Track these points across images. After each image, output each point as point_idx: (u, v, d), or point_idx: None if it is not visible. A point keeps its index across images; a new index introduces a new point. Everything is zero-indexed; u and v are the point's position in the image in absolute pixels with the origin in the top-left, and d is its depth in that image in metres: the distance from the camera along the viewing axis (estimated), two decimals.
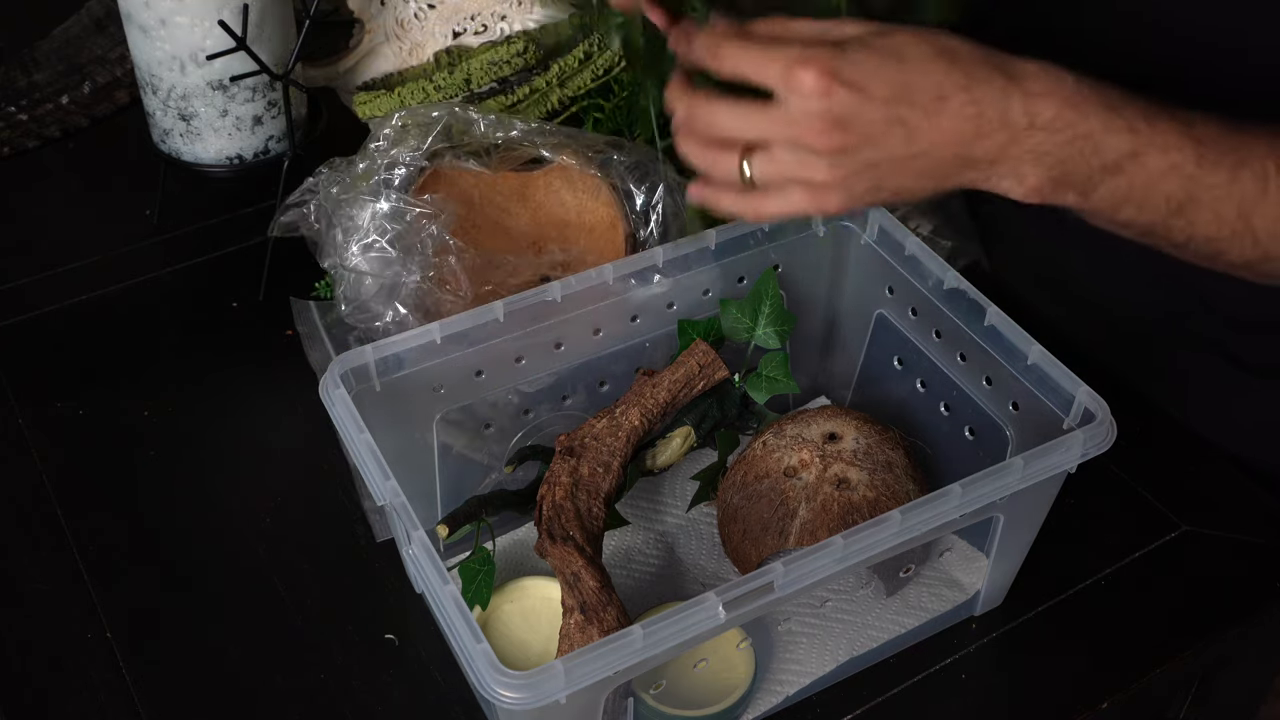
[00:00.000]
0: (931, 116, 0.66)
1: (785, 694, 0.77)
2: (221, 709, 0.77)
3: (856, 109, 0.65)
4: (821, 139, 0.65)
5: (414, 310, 0.87)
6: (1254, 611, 0.84)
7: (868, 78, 0.65)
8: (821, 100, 0.64)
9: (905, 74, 0.66)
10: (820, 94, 0.64)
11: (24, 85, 1.20)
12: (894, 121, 0.65)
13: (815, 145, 0.65)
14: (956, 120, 0.66)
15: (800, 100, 0.64)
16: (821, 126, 0.65)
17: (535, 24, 1.12)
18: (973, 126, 0.66)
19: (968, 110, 0.66)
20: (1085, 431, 0.71)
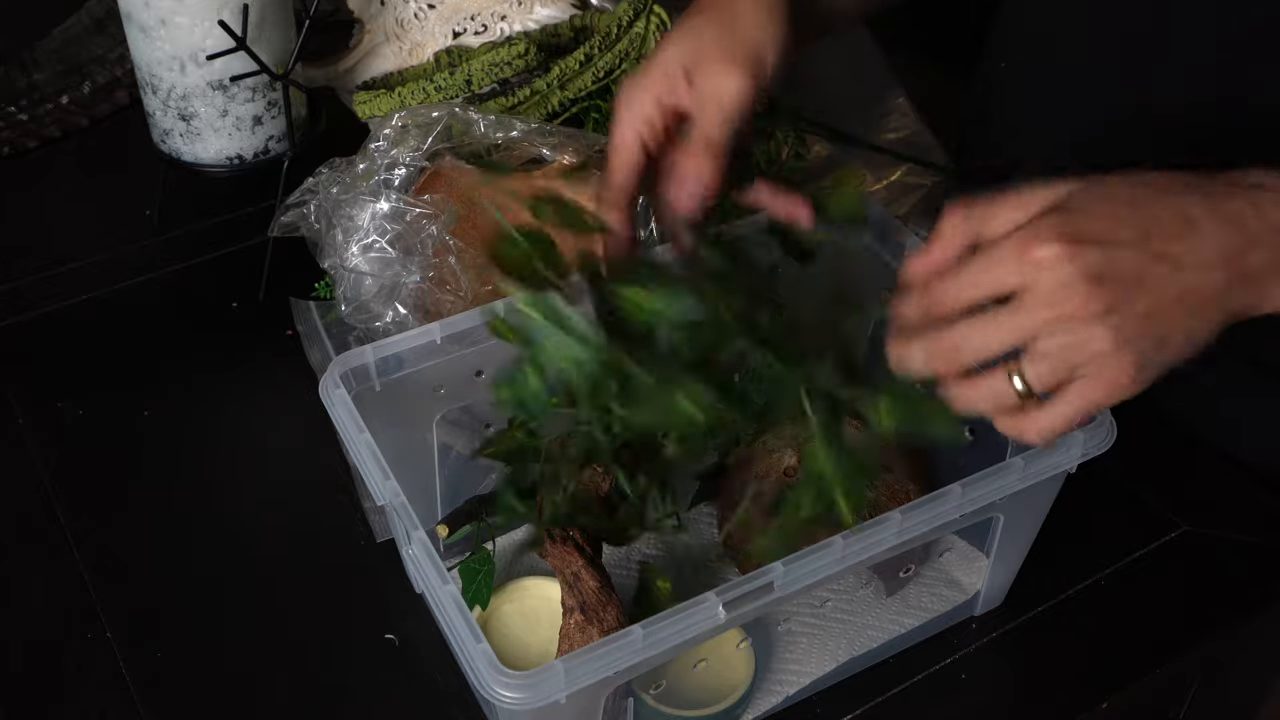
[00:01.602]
0: (1188, 240, 0.60)
1: (785, 694, 0.77)
2: (221, 709, 0.77)
3: (1110, 259, 0.59)
4: (1088, 304, 0.58)
5: (414, 310, 0.87)
6: (1253, 611, 0.85)
7: (1106, 226, 0.60)
8: (1071, 264, 0.58)
9: (1140, 209, 0.61)
10: (1067, 258, 0.58)
11: (24, 85, 1.20)
12: (1152, 259, 0.59)
13: (1083, 313, 0.58)
14: (1216, 238, 0.60)
15: (1049, 275, 0.58)
16: (1084, 290, 0.58)
17: (535, 25, 1.12)
18: (1237, 239, 0.61)
19: (1222, 226, 0.61)
20: (1085, 431, 0.71)
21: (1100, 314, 0.58)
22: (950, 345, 0.61)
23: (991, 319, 0.60)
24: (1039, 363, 0.60)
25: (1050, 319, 0.59)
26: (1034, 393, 0.60)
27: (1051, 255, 0.58)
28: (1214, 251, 0.60)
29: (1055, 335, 0.59)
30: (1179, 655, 0.81)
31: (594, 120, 1.05)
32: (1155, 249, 0.60)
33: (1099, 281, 0.58)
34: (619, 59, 1.06)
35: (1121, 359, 0.59)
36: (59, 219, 1.11)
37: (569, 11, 1.13)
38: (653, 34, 1.07)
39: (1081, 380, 0.60)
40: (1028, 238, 0.59)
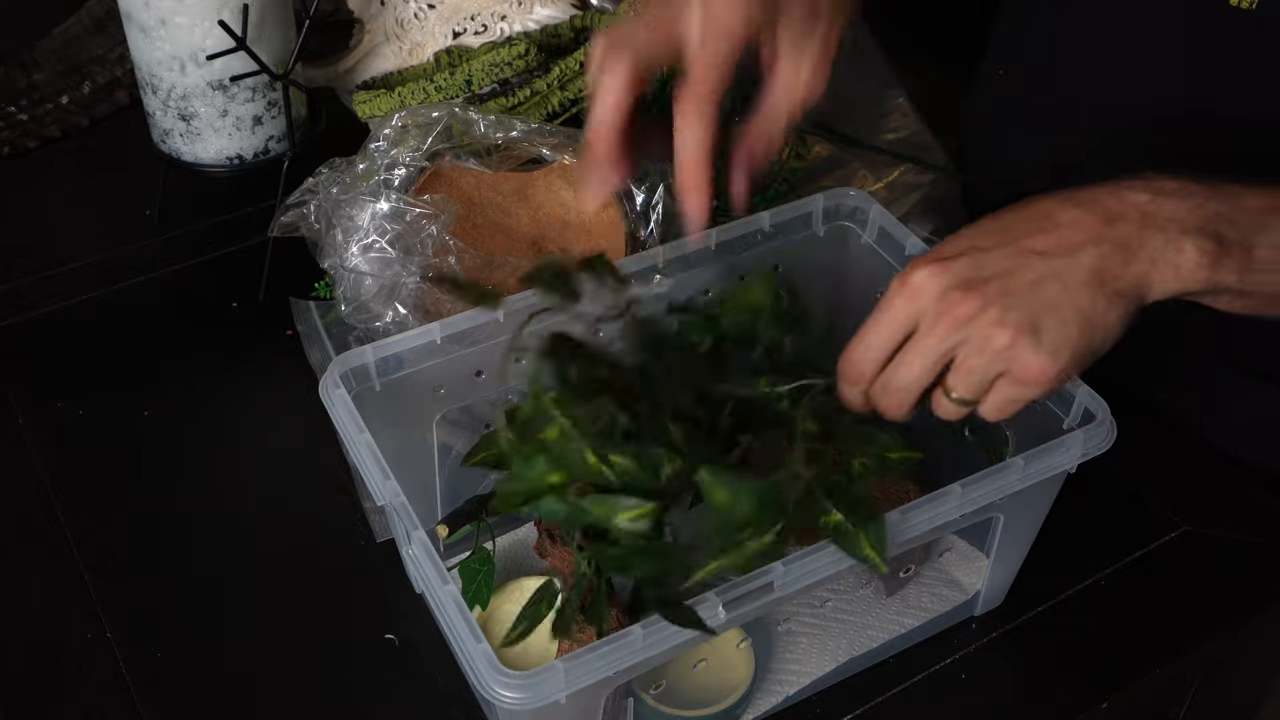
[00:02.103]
0: (1050, 232, 0.64)
1: (785, 694, 0.77)
2: (221, 709, 0.77)
3: (976, 263, 0.64)
4: (969, 304, 0.63)
5: (414, 310, 0.87)
6: (1253, 611, 0.85)
7: (969, 242, 0.65)
8: (943, 276, 0.63)
9: (1000, 222, 0.66)
10: (939, 274, 0.63)
11: (24, 85, 1.20)
12: (1017, 253, 0.64)
13: (969, 314, 0.63)
14: (1077, 225, 0.64)
15: (928, 294, 0.63)
16: (960, 294, 0.63)
17: (536, 25, 1.12)
18: (1097, 218, 0.64)
19: (1079, 212, 0.65)
20: (1085, 431, 0.71)
21: (984, 310, 0.63)
22: (886, 392, 0.66)
23: (904, 355, 0.65)
24: (959, 376, 0.64)
25: (946, 331, 0.63)
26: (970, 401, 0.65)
27: (924, 276, 0.64)
28: (1076, 234, 0.64)
29: (960, 345, 0.63)
30: (1179, 655, 0.81)
31: None
32: (1019, 246, 0.64)
33: (972, 284, 0.63)
34: None
35: (1025, 346, 0.62)
36: (59, 219, 1.11)
37: (569, 12, 1.13)
38: None
39: (999, 380, 0.64)
40: (904, 275, 0.65)
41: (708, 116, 0.65)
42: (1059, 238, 0.64)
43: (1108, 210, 0.64)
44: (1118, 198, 0.65)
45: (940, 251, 0.65)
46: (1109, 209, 0.64)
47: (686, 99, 0.65)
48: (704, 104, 0.65)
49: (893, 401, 0.66)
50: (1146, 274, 0.64)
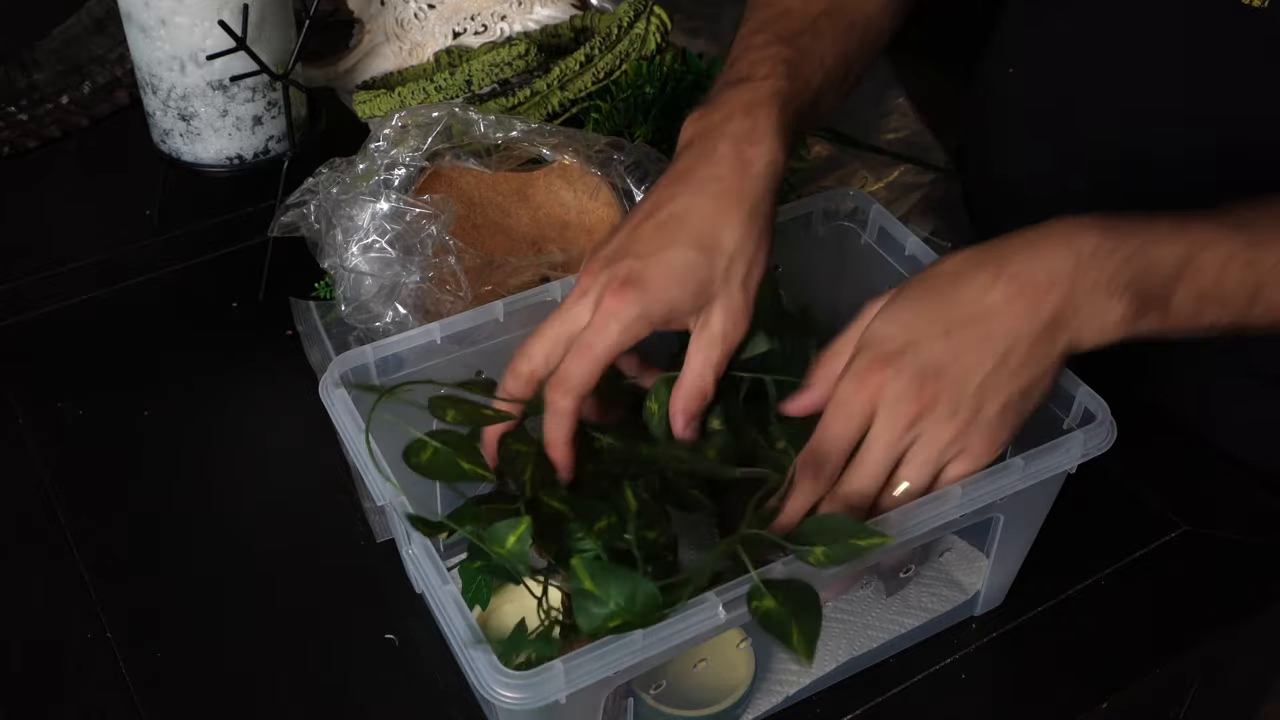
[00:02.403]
0: (986, 319, 0.67)
1: (785, 694, 0.77)
2: (221, 709, 0.77)
3: (923, 359, 0.67)
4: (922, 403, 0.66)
5: (414, 310, 0.87)
6: (1253, 611, 0.85)
7: (909, 333, 0.68)
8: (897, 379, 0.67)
9: (936, 304, 0.69)
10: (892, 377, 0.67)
11: (24, 85, 1.20)
12: (959, 342, 0.67)
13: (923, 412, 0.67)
14: (1011, 299, 0.67)
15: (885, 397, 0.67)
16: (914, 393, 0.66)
17: (535, 25, 1.12)
18: (1029, 293, 0.67)
19: (1012, 289, 0.67)
20: (1085, 432, 0.71)
21: (936, 405, 0.67)
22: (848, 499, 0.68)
23: (862, 460, 0.68)
24: (911, 467, 0.68)
25: (901, 430, 0.67)
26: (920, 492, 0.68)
27: (878, 379, 0.67)
28: (1012, 311, 0.67)
29: (915, 443, 0.67)
30: (1179, 655, 0.81)
31: (594, 120, 1.05)
32: (960, 333, 0.67)
33: (923, 381, 0.67)
34: (619, 59, 1.06)
35: (974, 436, 0.68)
36: (59, 219, 1.11)
37: (569, 12, 1.13)
38: (653, 34, 1.07)
39: (951, 463, 0.68)
40: (856, 374, 0.68)
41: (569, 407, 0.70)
42: (996, 324, 0.67)
43: (1037, 286, 0.67)
44: (1045, 266, 0.67)
45: (882, 346, 0.68)
46: (1038, 283, 0.67)
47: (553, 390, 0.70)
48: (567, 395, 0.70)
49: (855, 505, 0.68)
50: (1073, 336, 0.68)
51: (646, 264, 0.70)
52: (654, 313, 0.70)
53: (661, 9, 1.08)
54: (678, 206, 0.72)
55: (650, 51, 1.07)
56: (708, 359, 0.72)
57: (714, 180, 0.72)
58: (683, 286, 0.71)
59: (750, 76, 0.76)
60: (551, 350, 0.71)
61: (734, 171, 0.72)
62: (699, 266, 0.71)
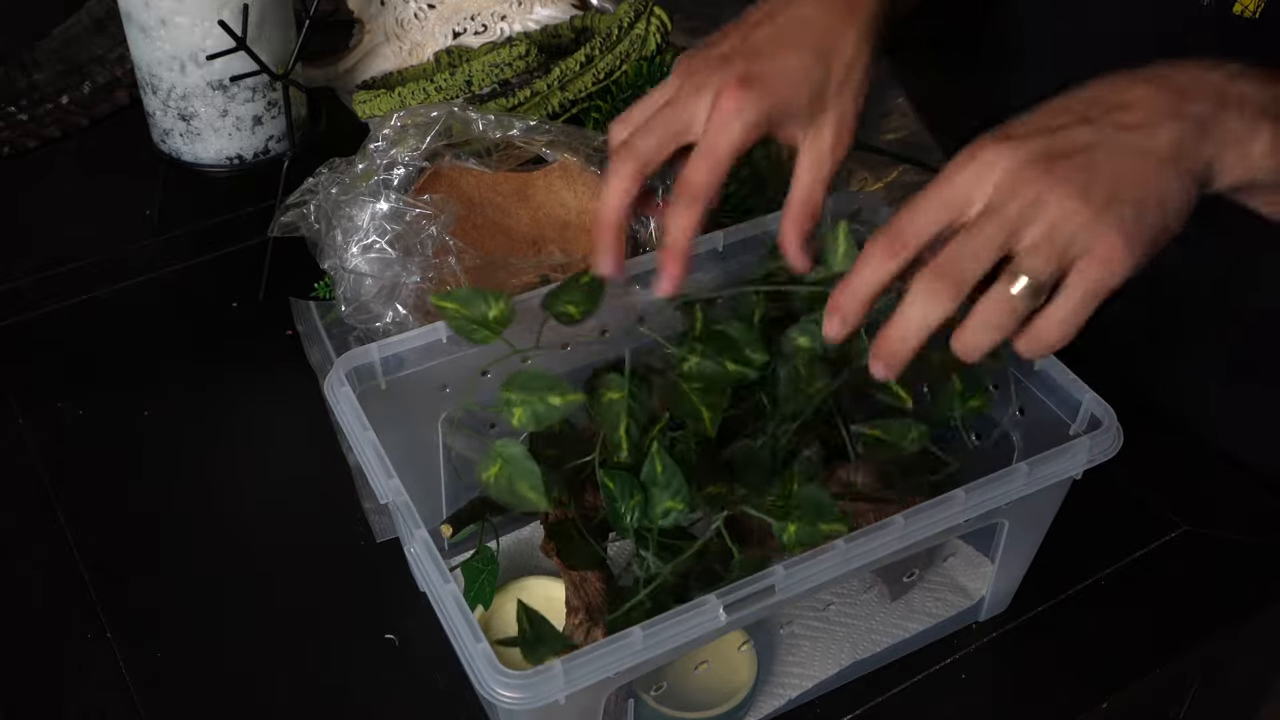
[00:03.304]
0: (1128, 108, 0.61)
1: (788, 696, 0.77)
2: (221, 709, 0.77)
3: (1053, 139, 0.60)
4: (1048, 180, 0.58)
5: (414, 311, 0.87)
6: (1253, 611, 0.85)
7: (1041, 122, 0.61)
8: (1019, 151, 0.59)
9: (1073, 100, 0.62)
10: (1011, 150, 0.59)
11: (24, 85, 1.20)
12: (1095, 129, 0.60)
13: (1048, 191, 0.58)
14: (1151, 102, 0.61)
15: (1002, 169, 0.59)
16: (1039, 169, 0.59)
17: (536, 25, 1.12)
18: (1173, 94, 0.61)
19: (1155, 88, 0.61)
20: (1091, 438, 0.71)
21: (1064, 185, 0.58)
22: (943, 270, 0.59)
23: (970, 230, 0.59)
24: (1031, 256, 0.58)
25: (1022, 207, 0.58)
26: (1039, 291, 0.59)
27: (996, 152, 0.59)
28: (1152, 111, 0.60)
29: (1034, 222, 0.58)
30: (1179, 655, 0.81)
31: (594, 121, 1.05)
32: (1096, 121, 0.60)
33: (1051, 158, 0.59)
34: (620, 60, 1.06)
35: (1104, 226, 0.58)
36: (59, 219, 1.11)
37: (569, 12, 1.13)
38: (653, 35, 1.07)
39: (1078, 262, 0.59)
40: (971, 150, 0.60)
41: (695, 213, 0.68)
42: (1136, 114, 0.61)
43: (1182, 87, 0.61)
44: (1191, 75, 0.62)
45: (1010, 130, 0.61)
46: (1183, 86, 0.61)
47: (679, 196, 0.69)
48: (693, 202, 0.68)
49: (948, 284, 0.59)
50: (1218, 155, 0.61)
51: (766, 65, 0.69)
52: (773, 115, 0.68)
53: (662, 9, 1.08)
54: (795, 13, 0.71)
55: (651, 52, 1.07)
56: (817, 175, 0.70)
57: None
58: (801, 90, 0.69)
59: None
60: (662, 142, 0.69)
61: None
62: (818, 72, 0.70)
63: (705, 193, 0.68)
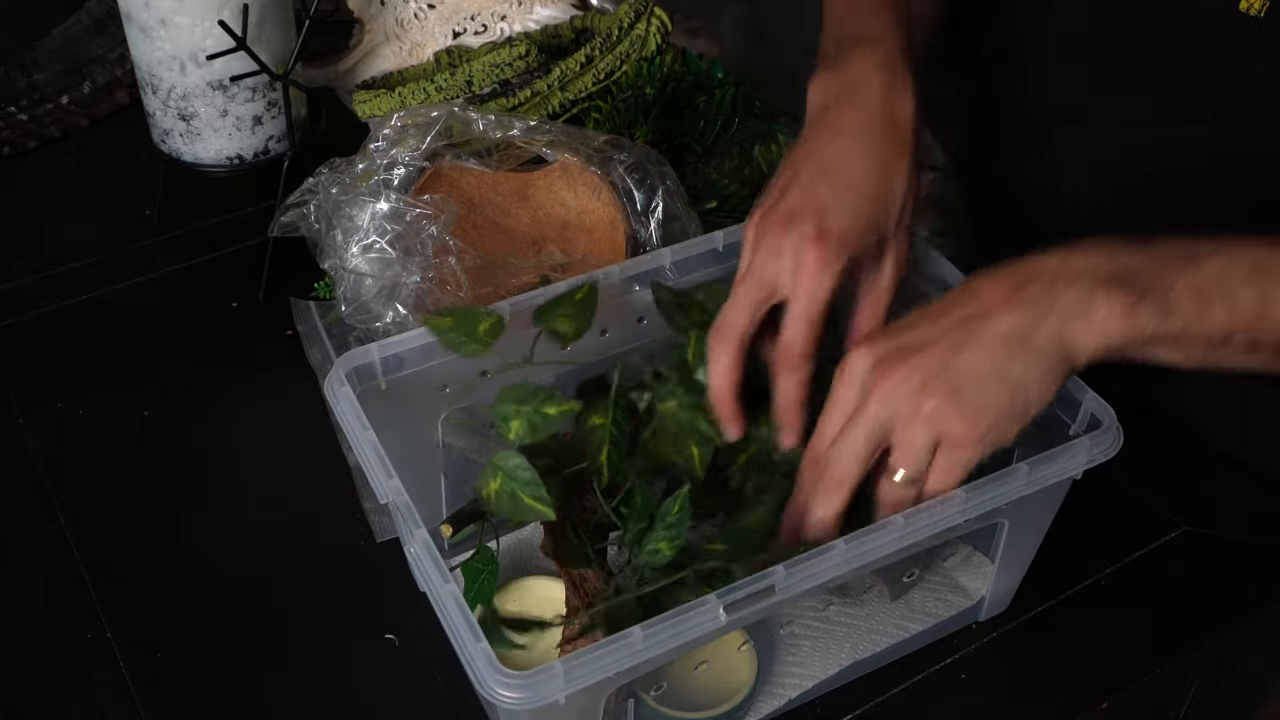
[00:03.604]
0: (968, 301, 0.67)
1: (788, 696, 0.77)
2: (221, 709, 0.77)
3: (904, 339, 0.67)
4: (893, 375, 0.66)
5: (414, 311, 0.87)
6: (1253, 612, 0.85)
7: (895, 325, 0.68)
8: (871, 353, 0.67)
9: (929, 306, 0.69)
10: (866, 353, 0.67)
11: (24, 85, 1.20)
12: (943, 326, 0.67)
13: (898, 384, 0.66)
14: (990, 292, 0.67)
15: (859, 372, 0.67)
16: (887, 365, 0.66)
17: (536, 25, 1.12)
18: (1008, 283, 0.67)
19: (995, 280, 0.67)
20: (1091, 438, 0.71)
21: (909, 378, 0.65)
22: (826, 470, 0.68)
23: (844, 435, 0.67)
24: (900, 450, 0.67)
25: (877, 403, 0.66)
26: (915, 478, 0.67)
27: (853, 358, 0.67)
28: (989, 301, 0.67)
29: (891, 417, 0.66)
30: (1179, 655, 0.81)
31: (594, 121, 1.05)
32: (940, 320, 0.67)
33: (896, 355, 0.66)
34: (620, 60, 1.06)
35: (950, 408, 0.65)
36: (59, 219, 1.11)
37: (569, 12, 1.13)
38: (653, 35, 1.07)
39: (941, 445, 0.66)
40: (840, 364, 0.68)
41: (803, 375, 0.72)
42: (975, 305, 0.67)
43: (1019, 275, 0.67)
44: (1030, 264, 0.68)
45: (869, 336, 0.69)
46: (1021, 274, 0.67)
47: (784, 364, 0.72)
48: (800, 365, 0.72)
49: (832, 481, 0.68)
50: (1061, 330, 0.66)
51: (835, 221, 0.71)
52: (847, 264, 0.71)
53: (662, 10, 1.08)
54: (845, 159, 0.73)
55: (651, 52, 1.07)
56: (876, 313, 0.76)
57: (873, 133, 0.74)
58: (869, 237, 0.72)
59: (871, 34, 0.78)
60: (755, 310, 0.72)
61: (888, 123, 0.74)
62: (880, 216, 0.73)
63: (808, 354, 0.71)
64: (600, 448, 0.71)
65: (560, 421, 0.70)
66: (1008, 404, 0.66)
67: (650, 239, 0.93)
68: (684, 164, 1.03)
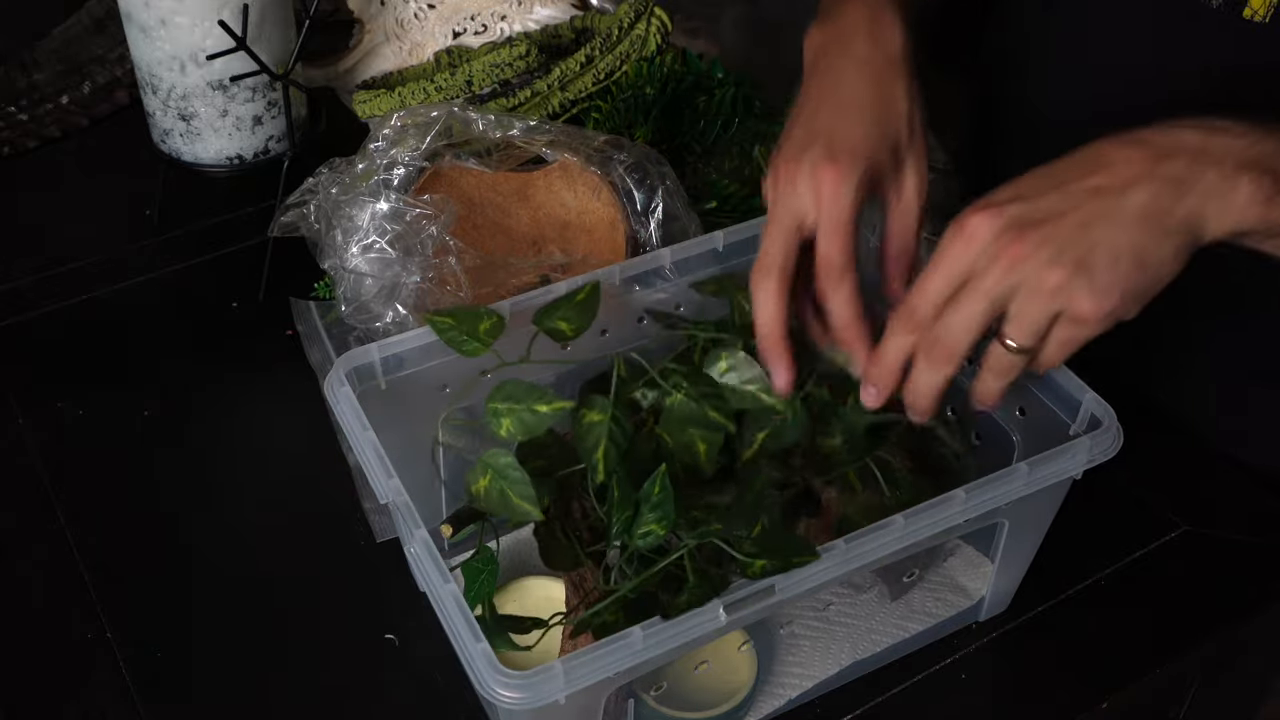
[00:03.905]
0: (1101, 171, 0.65)
1: (788, 696, 0.77)
2: (221, 709, 0.77)
3: (1030, 205, 0.65)
4: (1024, 244, 0.63)
5: (414, 311, 0.87)
6: (1253, 612, 0.85)
7: (1020, 190, 0.66)
8: (997, 219, 0.64)
9: (1054, 167, 0.67)
10: (991, 218, 0.64)
11: (24, 85, 1.20)
12: (1070, 195, 0.65)
13: (1024, 253, 0.63)
14: (1127, 163, 0.65)
15: (982, 237, 0.64)
16: (1015, 234, 0.64)
17: (536, 25, 1.12)
18: (1148, 156, 0.65)
19: (1131, 150, 0.65)
20: (1091, 438, 0.71)
21: (1035, 252, 0.63)
22: (938, 341, 0.66)
23: (957, 300, 0.65)
24: (1016, 321, 0.65)
25: (1002, 272, 0.64)
26: (1027, 349, 0.66)
27: (977, 220, 0.65)
28: (1126, 172, 0.64)
29: (1015, 288, 0.64)
30: (1179, 655, 0.81)
31: (594, 121, 1.05)
32: (1072, 188, 0.65)
33: (1026, 224, 0.64)
34: (620, 60, 1.06)
35: (1074, 289, 0.63)
36: (59, 219, 1.11)
37: (569, 12, 1.13)
38: (653, 36, 1.07)
39: (1058, 320, 0.65)
40: (958, 222, 0.66)
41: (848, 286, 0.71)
42: (1110, 176, 0.65)
43: (1158, 148, 0.65)
44: (1169, 136, 0.65)
45: (992, 198, 0.66)
46: (1160, 146, 0.65)
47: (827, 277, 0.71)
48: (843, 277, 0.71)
49: (943, 352, 0.66)
50: (1199, 210, 0.64)
51: (843, 139, 0.72)
52: (867, 178, 0.72)
53: (662, 10, 1.08)
54: (846, 90, 0.75)
55: (651, 52, 1.07)
56: (907, 224, 0.75)
57: (867, 64, 0.76)
58: (881, 151, 0.73)
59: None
60: (788, 242, 0.71)
61: (883, 57, 0.76)
62: (888, 128, 0.74)
63: (848, 264, 0.71)
64: (597, 445, 0.71)
65: (552, 419, 0.69)
66: (1136, 281, 0.64)
67: (650, 239, 0.93)
68: (684, 164, 1.04)
